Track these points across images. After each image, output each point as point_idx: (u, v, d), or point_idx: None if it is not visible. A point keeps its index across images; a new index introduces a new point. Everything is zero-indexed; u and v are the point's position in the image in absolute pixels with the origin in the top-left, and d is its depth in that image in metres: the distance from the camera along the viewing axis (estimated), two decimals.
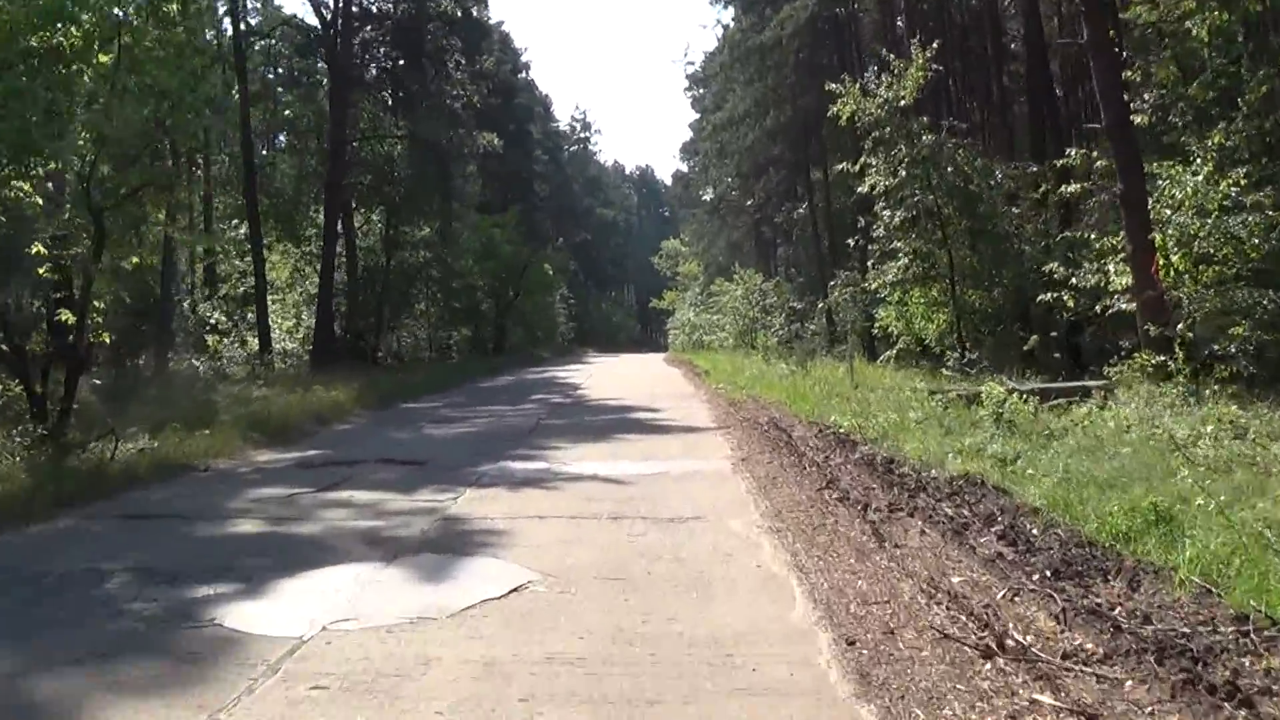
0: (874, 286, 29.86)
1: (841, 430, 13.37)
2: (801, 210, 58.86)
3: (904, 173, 25.46)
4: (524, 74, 75.21)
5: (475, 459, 11.84)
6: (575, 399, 21.70)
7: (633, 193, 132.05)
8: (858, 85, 26.19)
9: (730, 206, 74.91)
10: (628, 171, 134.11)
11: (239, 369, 31.10)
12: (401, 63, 39.50)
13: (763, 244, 73.55)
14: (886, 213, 26.85)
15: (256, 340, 34.05)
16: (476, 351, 47.35)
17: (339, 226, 37.54)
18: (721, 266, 71.63)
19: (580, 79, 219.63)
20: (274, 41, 42.93)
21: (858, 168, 26.76)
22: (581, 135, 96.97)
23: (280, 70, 45.10)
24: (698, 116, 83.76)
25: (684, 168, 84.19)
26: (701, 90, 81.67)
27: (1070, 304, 20.05)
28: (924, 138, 25.39)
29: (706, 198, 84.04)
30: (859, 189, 27.67)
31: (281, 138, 42.99)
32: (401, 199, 36.66)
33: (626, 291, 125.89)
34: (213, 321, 35.43)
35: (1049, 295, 20.51)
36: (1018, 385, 15.24)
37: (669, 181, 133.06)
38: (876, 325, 29.86)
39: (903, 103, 24.95)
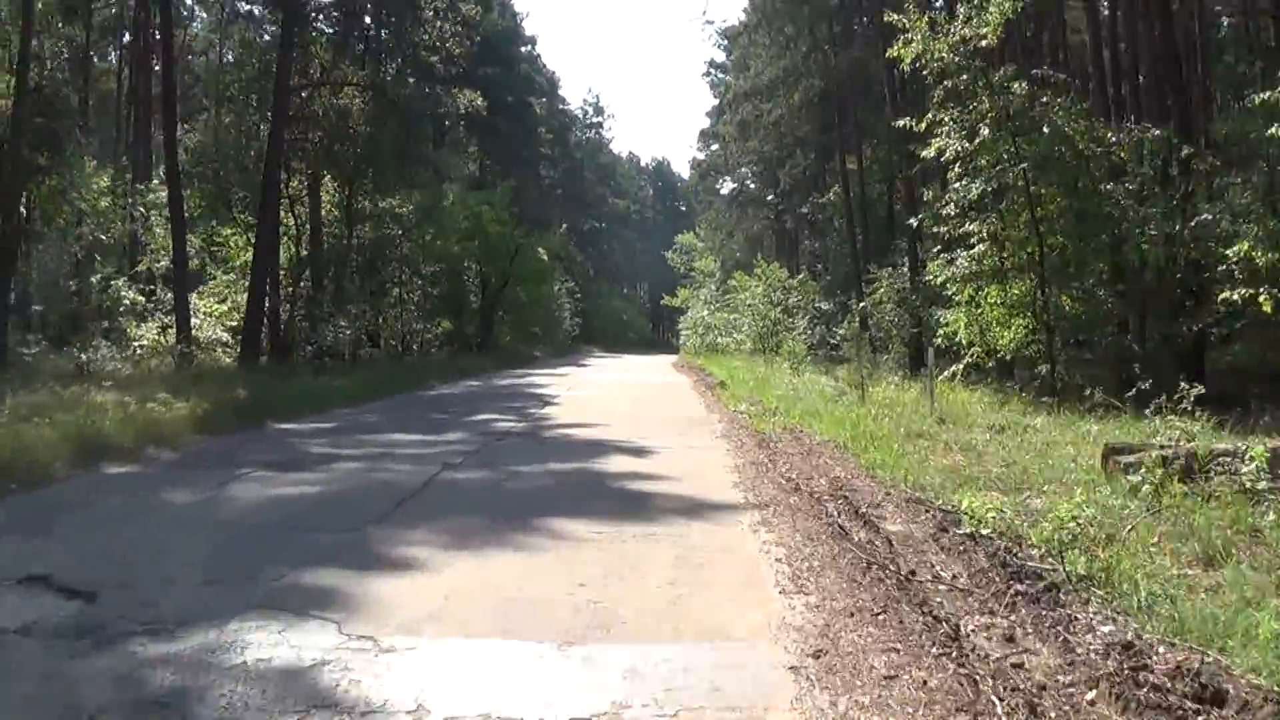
0: (939, 281, 23.25)
1: (986, 531, 6.72)
2: (831, 197, 52.09)
3: (985, 133, 19.05)
4: (529, 48, 68.58)
5: (209, 594, 5.21)
6: (532, 425, 14.86)
7: (648, 186, 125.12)
8: (925, 18, 19.61)
9: (750, 197, 68.28)
10: (643, 163, 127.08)
11: (153, 363, 25.04)
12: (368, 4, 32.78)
13: (785, 238, 66.69)
14: (960, 184, 20.64)
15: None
16: (458, 348, 40.71)
17: (285, 192, 31.07)
18: (740, 263, 65.56)
19: (594, 67, 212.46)
20: None
21: (923, 126, 20.34)
22: (594, 120, 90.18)
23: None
24: (716, 102, 77.10)
25: (702, 156, 77.40)
26: (721, 75, 75.12)
27: (1267, 308, 13.42)
28: (1014, 87, 19.10)
29: (725, 190, 77.43)
30: (923, 153, 21.45)
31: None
32: (357, 162, 29.91)
33: (639, 289, 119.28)
34: (127, 303, 29.08)
35: (1238, 293, 13.78)
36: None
37: (686, 175, 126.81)
38: (940, 333, 23.25)
39: (984, 43, 18.70)
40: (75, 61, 37.84)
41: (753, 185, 68.56)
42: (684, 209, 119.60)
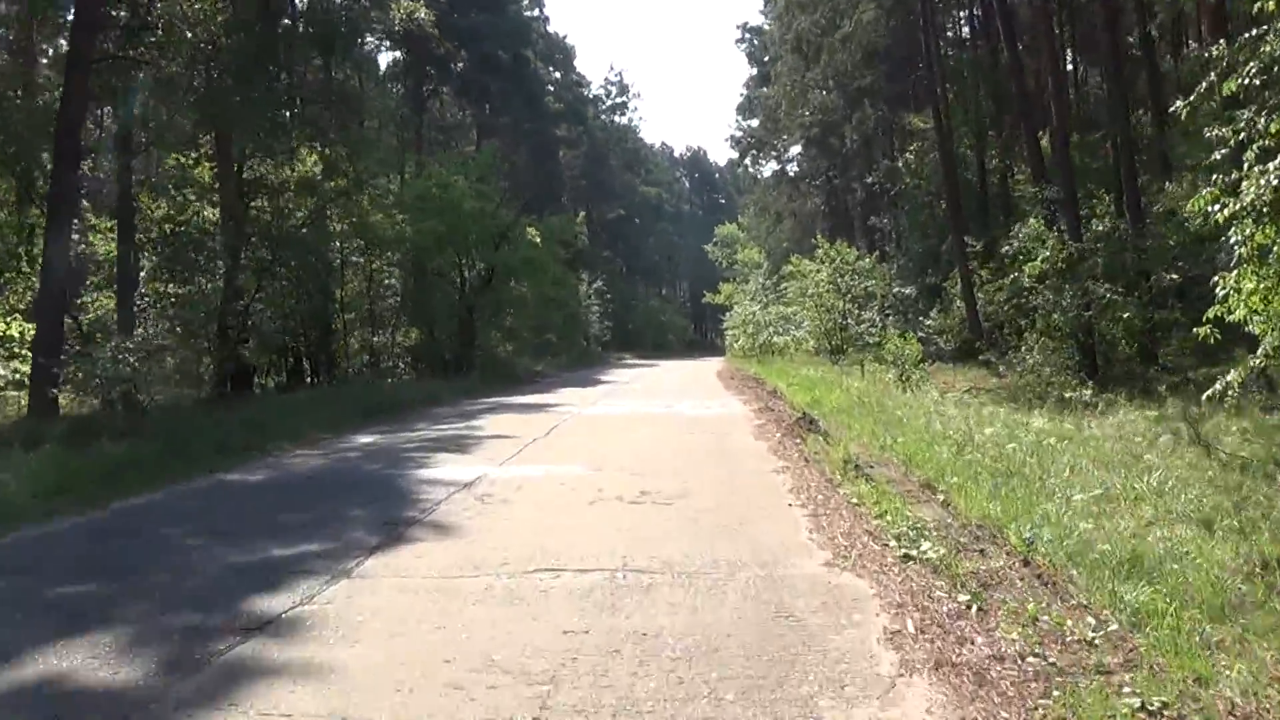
0: (1222, 217, 11.58)
1: None
2: (909, 157, 40.07)
3: None
4: (536, 10, 57.17)
5: None
6: None
7: (683, 177, 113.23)
8: None
9: (801, 173, 56.57)
10: (677, 154, 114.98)
11: None
12: None
13: (842, 217, 54.60)
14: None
15: None
16: (430, 366, 29.31)
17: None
18: (787, 253, 54.23)
19: (621, 54, 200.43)
20: None
21: None
22: (617, 100, 78.05)
23: None
24: (754, 71, 65.38)
25: (740, 132, 65.37)
26: (757, 40, 63.49)
27: None
28: None
29: (768, 171, 65.76)
30: None
31: None
32: (211, 95, 18.54)
33: (678, 288, 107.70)
34: None
35: None
36: None
37: (723, 163, 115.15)
38: (1213, 311, 11.63)
39: None
40: None
41: (798, 165, 57.05)
42: (723, 200, 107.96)
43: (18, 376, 18.35)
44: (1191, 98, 12.36)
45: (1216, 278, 12.28)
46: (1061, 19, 33.60)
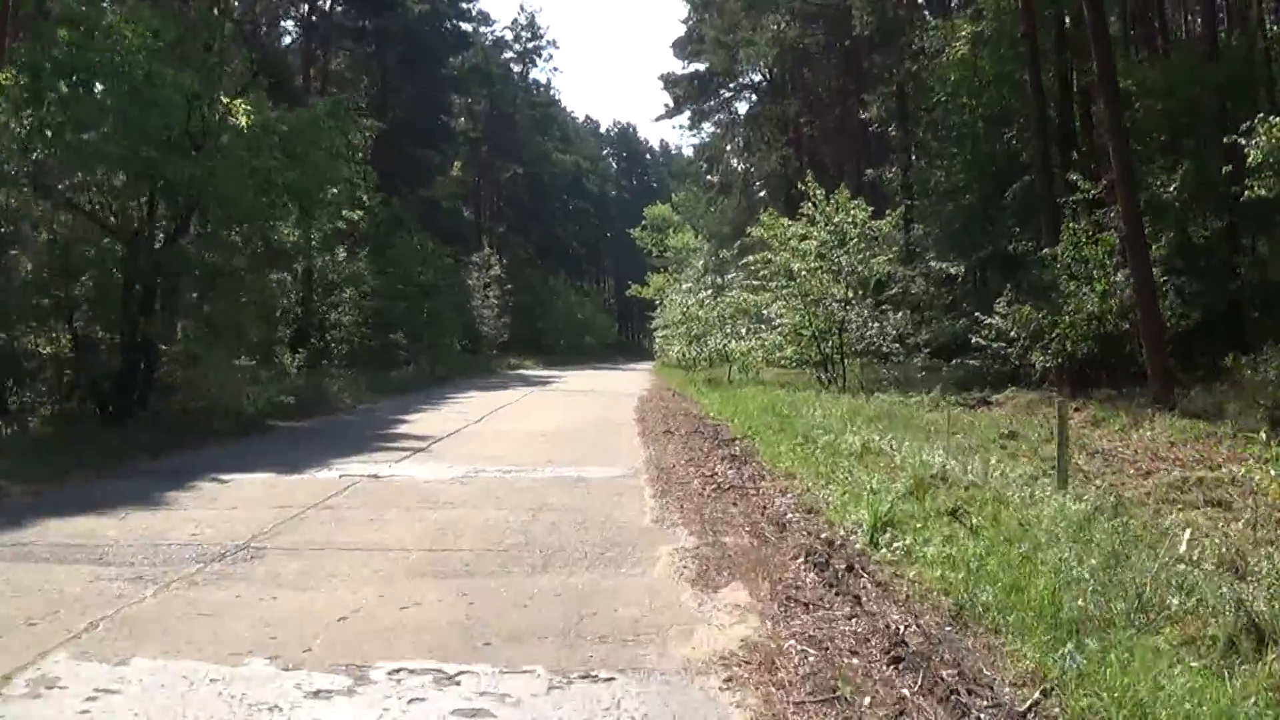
0: None
1: None
2: (954, 54, 24.57)
3: None
4: None
5: None
6: None
7: (610, 158, 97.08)
8: None
9: (764, 114, 41.13)
10: (603, 129, 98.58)
11: None
12: None
13: (819, 175, 39.02)
14: None
15: None
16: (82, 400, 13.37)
17: None
18: (732, 236, 39.58)
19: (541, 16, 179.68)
20: None
21: None
22: (529, 45, 61.20)
23: None
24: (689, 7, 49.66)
25: (681, 70, 49.37)
26: None
27: None
28: None
29: (707, 132, 50.25)
30: None
31: None
32: None
33: (602, 283, 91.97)
34: None
35: None
36: None
37: (656, 145, 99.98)
38: None
39: None
40: None
41: (758, 104, 41.81)
42: (655, 184, 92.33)
43: None
44: None
45: None
46: None
